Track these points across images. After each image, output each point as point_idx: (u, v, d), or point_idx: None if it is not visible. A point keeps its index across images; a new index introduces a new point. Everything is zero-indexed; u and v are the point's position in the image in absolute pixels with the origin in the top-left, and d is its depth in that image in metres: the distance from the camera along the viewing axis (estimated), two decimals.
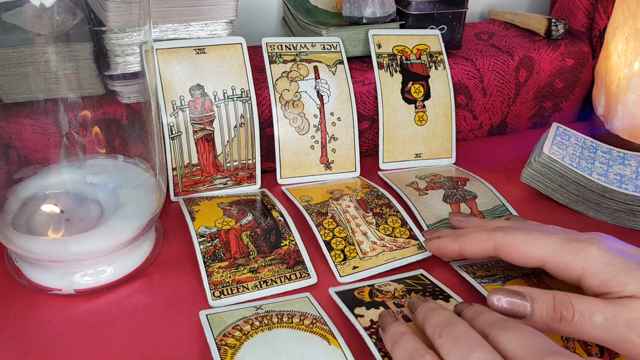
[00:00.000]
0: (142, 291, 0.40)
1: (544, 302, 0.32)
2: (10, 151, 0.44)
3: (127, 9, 0.42)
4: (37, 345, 0.35)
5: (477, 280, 0.39)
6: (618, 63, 0.58)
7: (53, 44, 0.41)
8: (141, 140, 0.45)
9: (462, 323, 0.30)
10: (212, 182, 0.50)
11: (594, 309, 0.31)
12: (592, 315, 0.31)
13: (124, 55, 0.45)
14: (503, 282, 0.39)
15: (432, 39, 0.58)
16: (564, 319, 0.31)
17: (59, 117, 0.42)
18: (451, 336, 0.29)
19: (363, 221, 0.46)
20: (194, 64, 0.48)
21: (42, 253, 0.37)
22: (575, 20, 0.67)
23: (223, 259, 0.41)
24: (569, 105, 0.67)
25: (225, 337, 0.34)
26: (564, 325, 0.31)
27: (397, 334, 0.32)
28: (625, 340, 0.30)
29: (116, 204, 0.41)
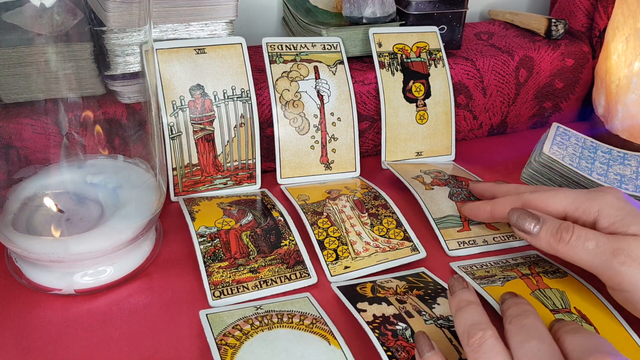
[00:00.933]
0: (142, 291, 0.40)
1: (551, 224, 0.37)
2: (10, 151, 0.44)
3: (127, 9, 0.42)
4: (37, 345, 0.35)
5: (477, 282, 0.39)
6: (618, 63, 0.58)
7: (53, 44, 0.41)
8: (141, 140, 0.45)
9: (534, 316, 0.31)
10: (212, 182, 0.50)
11: (590, 236, 0.35)
12: (587, 240, 0.35)
13: (124, 55, 0.45)
14: (502, 284, 0.39)
15: (430, 35, 0.58)
16: (562, 239, 0.36)
17: (59, 117, 0.42)
18: (519, 324, 0.31)
19: (358, 221, 0.46)
20: (194, 64, 0.48)
21: (42, 253, 0.37)
22: (575, 20, 0.67)
23: (223, 259, 0.41)
24: (569, 105, 0.67)
25: (226, 336, 0.34)
26: (562, 246, 0.36)
27: (464, 301, 0.33)
28: (608, 266, 0.34)
29: (116, 204, 0.41)
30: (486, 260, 0.42)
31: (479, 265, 0.41)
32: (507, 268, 0.41)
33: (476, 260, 0.41)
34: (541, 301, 0.37)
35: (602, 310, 0.37)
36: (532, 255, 0.43)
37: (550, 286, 0.39)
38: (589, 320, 0.36)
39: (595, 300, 0.38)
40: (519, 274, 0.40)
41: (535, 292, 0.38)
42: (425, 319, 0.36)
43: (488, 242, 0.45)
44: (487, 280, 0.39)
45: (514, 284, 0.39)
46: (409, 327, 0.35)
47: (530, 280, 0.39)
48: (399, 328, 0.35)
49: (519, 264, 0.42)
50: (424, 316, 0.36)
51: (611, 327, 0.36)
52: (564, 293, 0.38)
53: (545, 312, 0.36)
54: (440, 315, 0.36)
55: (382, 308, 0.37)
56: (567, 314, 0.36)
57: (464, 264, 0.42)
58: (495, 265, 0.41)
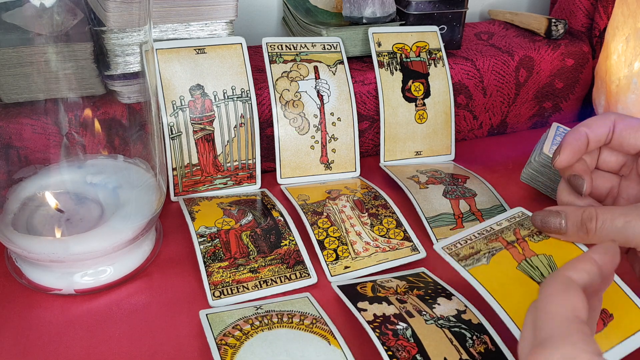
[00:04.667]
0: (142, 291, 0.40)
1: (574, 218, 0.36)
2: (10, 151, 0.44)
3: (127, 9, 0.42)
4: (37, 345, 0.35)
5: (462, 264, 0.37)
6: (618, 63, 0.58)
7: (53, 44, 0.41)
8: (141, 140, 0.45)
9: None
10: (212, 182, 0.50)
11: (616, 215, 0.35)
12: (614, 220, 0.35)
13: (124, 55, 0.45)
14: (487, 260, 0.37)
15: (430, 35, 0.58)
16: (589, 230, 0.36)
17: (59, 117, 0.42)
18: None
19: (358, 221, 0.46)
20: (194, 64, 0.48)
21: (42, 253, 0.37)
22: (575, 20, 0.67)
23: (223, 259, 0.41)
24: (569, 105, 0.67)
25: (226, 336, 0.34)
26: (592, 236, 0.36)
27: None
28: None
29: (116, 204, 0.41)
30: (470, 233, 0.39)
31: (463, 242, 0.39)
32: (491, 237, 0.39)
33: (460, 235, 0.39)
34: (528, 274, 0.35)
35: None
36: (517, 214, 0.41)
37: (537, 252, 0.37)
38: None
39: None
40: (504, 243, 0.38)
41: (522, 263, 0.36)
42: (425, 318, 0.36)
43: None
44: (473, 260, 0.37)
45: (499, 258, 0.37)
46: (409, 327, 0.35)
47: (516, 249, 0.37)
48: (399, 328, 0.35)
49: (503, 229, 0.39)
50: (425, 316, 0.36)
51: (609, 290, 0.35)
52: (551, 258, 0.37)
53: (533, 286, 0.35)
54: (440, 315, 0.36)
55: (383, 308, 0.37)
56: None
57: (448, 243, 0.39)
58: (480, 237, 0.39)
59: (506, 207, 0.49)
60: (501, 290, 0.33)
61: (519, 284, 0.34)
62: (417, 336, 0.34)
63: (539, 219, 0.38)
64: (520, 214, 0.40)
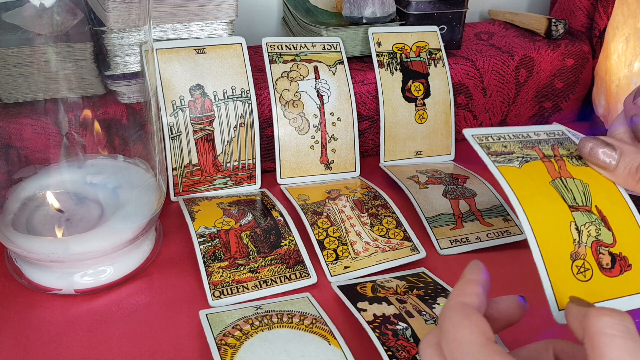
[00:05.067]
0: (142, 291, 0.40)
1: (630, 160, 0.33)
2: (10, 151, 0.44)
3: (127, 9, 0.42)
4: (37, 345, 0.35)
5: (491, 158, 0.33)
6: (618, 63, 0.58)
7: (53, 44, 0.41)
8: (141, 140, 0.45)
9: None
10: (212, 182, 0.50)
11: None
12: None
13: (124, 55, 0.45)
14: (520, 164, 0.33)
15: (430, 35, 0.58)
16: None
17: (59, 117, 0.42)
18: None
19: (358, 221, 0.46)
20: (194, 64, 0.48)
21: (42, 253, 0.37)
22: (575, 20, 0.67)
23: (223, 259, 0.41)
24: (569, 105, 0.67)
25: (225, 336, 0.34)
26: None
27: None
28: None
29: (116, 204, 0.41)
30: (504, 132, 0.35)
31: (495, 137, 0.35)
32: (527, 145, 0.35)
33: (493, 130, 0.35)
34: (560, 192, 0.32)
35: (625, 214, 0.33)
36: (557, 131, 0.37)
37: (574, 175, 0.33)
38: (608, 224, 0.32)
39: (619, 199, 0.33)
40: (540, 155, 0.34)
41: (556, 180, 0.33)
42: (425, 319, 0.36)
43: (481, 238, 0.46)
44: (504, 158, 0.33)
45: (533, 167, 0.33)
46: (409, 327, 0.35)
47: (552, 164, 0.34)
48: (399, 328, 0.35)
49: (541, 140, 0.36)
50: (425, 316, 0.36)
51: (632, 235, 0.32)
52: (587, 187, 0.33)
53: (562, 207, 0.31)
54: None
55: (383, 308, 0.37)
56: (586, 213, 0.32)
57: (479, 133, 0.35)
58: (515, 140, 0.35)
59: (506, 207, 0.49)
60: (529, 199, 0.31)
61: (549, 199, 0.31)
62: (417, 336, 0.34)
63: (589, 147, 0.34)
64: (561, 132, 0.36)
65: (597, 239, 0.31)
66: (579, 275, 0.29)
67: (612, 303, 0.30)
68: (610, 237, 0.31)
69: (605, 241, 0.31)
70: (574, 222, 0.31)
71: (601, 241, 0.31)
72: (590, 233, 0.31)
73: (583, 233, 0.31)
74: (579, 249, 0.31)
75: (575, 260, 0.30)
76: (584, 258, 0.31)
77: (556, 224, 0.30)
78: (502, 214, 0.48)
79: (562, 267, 0.29)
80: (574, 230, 0.31)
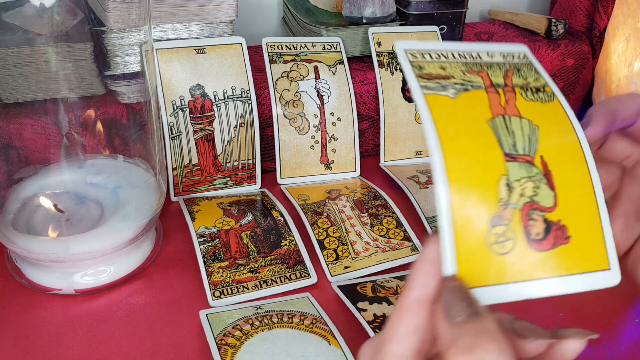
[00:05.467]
0: (142, 291, 0.40)
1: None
2: (10, 151, 0.43)
3: (127, 9, 0.41)
4: (37, 345, 0.35)
5: (420, 82, 0.25)
6: (618, 63, 0.58)
7: (53, 44, 0.41)
8: (141, 140, 0.45)
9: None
10: (212, 182, 0.50)
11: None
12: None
13: (124, 55, 0.45)
14: (455, 94, 0.25)
15: (430, 35, 0.58)
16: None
17: (59, 117, 0.42)
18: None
19: (358, 221, 0.46)
20: (194, 64, 0.48)
21: (42, 253, 0.37)
22: (575, 20, 0.67)
23: (223, 259, 0.41)
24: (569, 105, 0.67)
25: (226, 336, 0.34)
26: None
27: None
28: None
29: (116, 204, 0.41)
30: (448, 49, 0.27)
31: (434, 55, 0.27)
32: (473, 67, 0.27)
33: (434, 46, 0.27)
34: (498, 135, 0.25)
35: (578, 169, 0.25)
36: (518, 54, 0.28)
37: (522, 114, 0.26)
38: (551, 182, 0.25)
39: (575, 150, 0.26)
40: (486, 82, 0.26)
41: (497, 119, 0.25)
42: None
43: None
44: (437, 84, 0.26)
45: (472, 98, 0.25)
46: None
47: (498, 96, 0.26)
48: None
49: (492, 63, 0.28)
50: None
51: (581, 197, 0.25)
52: (536, 130, 0.26)
53: (494, 155, 0.24)
54: None
55: (383, 307, 0.37)
56: (525, 165, 0.24)
57: (414, 48, 0.27)
58: (458, 60, 0.27)
59: None
60: (452, 140, 0.24)
61: (479, 142, 0.24)
62: None
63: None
64: (522, 56, 0.29)
65: (531, 200, 0.24)
66: (496, 246, 0.22)
67: (532, 285, 0.23)
68: (551, 199, 0.24)
69: (542, 204, 0.24)
70: (505, 175, 0.24)
71: (536, 203, 0.24)
72: (524, 192, 0.24)
73: (515, 191, 0.24)
74: (503, 212, 0.23)
75: (496, 226, 0.23)
76: (508, 224, 0.23)
77: (480, 177, 0.23)
78: None
79: (475, 234, 0.22)
80: (502, 186, 0.23)
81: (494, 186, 0.23)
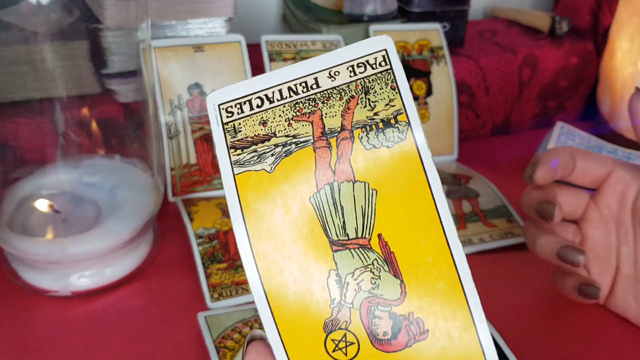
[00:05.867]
0: (140, 293, 0.39)
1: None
2: (5, 151, 0.43)
3: (125, 6, 0.41)
4: (33, 347, 0.35)
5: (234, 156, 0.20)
6: (623, 61, 0.57)
7: (49, 42, 0.40)
8: (138, 139, 0.45)
9: None
10: (210, 182, 0.49)
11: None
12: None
13: (121, 53, 0.44)
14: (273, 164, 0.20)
15: (433, 33, 0.57)
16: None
17: (55, 117, 0.42)
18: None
19: None
20: (193, 62, 0.48)
21: (39, 254, 0.37)
22: (579, 18, 0.66)
23: (222, 261, 0.41)
24: (573, 104, 0.66)
25: (224, 339, 0.34)
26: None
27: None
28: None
29: (113, 204, 0.41)
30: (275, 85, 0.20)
31: (256, 102, 0.20)
32: (304, 107, 0.20)
33: (254, 86, 0.20)
34: (321, 218, 0.20)
35: (432, 241, 0.19)
36: (377, 55, 0.21)
37: (357, 175, 0.20)
38: (396, 266, 0.19)
39: (426, 212, 0.20)
40: (316, 132, 0.20)
41: (322, 191, 0.20)
42: None
43: (484, 240, 0.45)
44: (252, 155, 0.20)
45: (293, 166, 0.20)
46: None
47: (329, 151, 0.20)
48: None
49: (334, 89, 0.20)
50: None
51: (437, 284, 0.19)
52: (374, 195, 0.20)
53: (319, 248, 0.19)
54: None
55: None
56: (359, 252, 0.20)
57: (228, 99, 0.21)
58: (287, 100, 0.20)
59: (509, 207, 0.49)
60: (264, 237, 0.20)
61: (298, 234, 0.19)
62: None
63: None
64: (382, 58, 0.21)
65: (371, 295, 0.19)
66: (336, 353, 0.19)
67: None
68: (397, 289, 0.19)
69: (386, 297, 0.19)
70: (335, 270, 0.19)
71: (378, 297, 0.19)
72: (361, 286, 0.19)
73: (349, 287, 0.19)
74: (338, 314, 0.19)
75: (332, 332, 0.19)
76: (347, 327, 0.19)
77: (305, 278, 0.19)
78: (506, 215, 0.48)
79: (310, 345, 0.19)
80: (333, 285, 0.19)
81: (321, 288, 0.19)
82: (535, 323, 0.39)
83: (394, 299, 0.19)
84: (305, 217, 0.19)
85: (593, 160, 0.36)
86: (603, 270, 0.36)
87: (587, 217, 0.37)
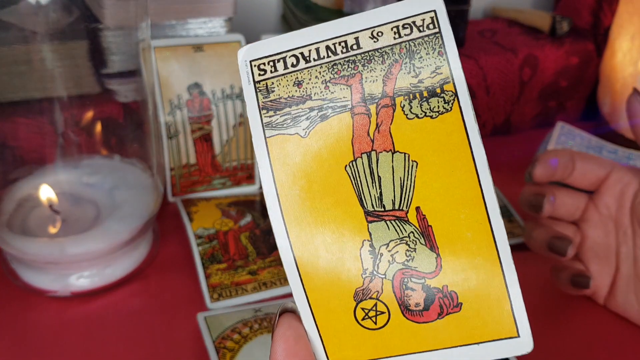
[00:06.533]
0: (139, 293, 0.39)
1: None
2: (5, 151, 0.43)
3: (124, 6, 0.41)
4: (32, 348, 0.35)
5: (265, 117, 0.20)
6: (623, 61, 0.57)
7: (48, 42, 0.40)
8: (138, 139, 0.45)
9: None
10: (210, 182, 0.49)
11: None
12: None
13: (120, 53, 0.44)
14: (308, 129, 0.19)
15: None
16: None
17: (55, 117, 0.42)
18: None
19: None
20: (192, 62, 0.48)
21: (38, 254, 0.37)
22: (580, 18, 0.66)
23: (221, 261, 0.41)
24: (573, 104, 0.66)
25: (224, 340, 0.34)
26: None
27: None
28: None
29: (112, 204, 0.41)
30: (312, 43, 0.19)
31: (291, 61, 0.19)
32: (343, 69, 0.19)
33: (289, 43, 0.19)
34: (357, 187, 0.19)
35: (474, 219, 0.19)
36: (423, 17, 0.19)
37: (397, 145, 0.19)
38: (433, 240, 0.19)
39: (471, 191, 0.19)
40: (354, 97, 0.19)
41: (359, 160, 0.19)
42: None
43: None
44: (285, 118, 0.19)
45: (329, 132, 0.19)
46: None
47: (367, 119, 0.19)
48: None
49: (376, 52, 0.19)
50: None
51: (476, 260, 0.19)
52: (414, 167, 0.19)
53: (352, 217, 0.19)
54: None
55: None
56: (395, 224, 0.19)
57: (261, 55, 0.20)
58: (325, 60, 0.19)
59: (510, 207, 0.49)
60: (300, 205, 0.19)
61: (332, 203, 0.19)
62: None
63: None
64: (430, 20, 0.19)
65: (405, 267, 0.19)
66: (366, 321, 0.19)
67: (416, 358, 0.19)
68: (433, 262, 0.19)
69: (421, 269, 0.19)
70: (369, 241, 0.19)
71: (412, 269, 0.19)
72: (395, 257, 0.19)
73: (382, 259, 0.19)
74: (369, 284, 0.19)
75: (362, 301, 0.19)
76: (377, 297, 0.19)
77: (338, 248, 0.19)
78: (506, 215, 0.48)
79: (339, 313, 0.19)
80: (366, 255, 0.19)
81: (354, 258, 0.19)
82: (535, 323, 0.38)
83: (428, 271, 0.19)
84: (340, 186, 0.19)
85: (592, 162, 0.36)
86: (603, 270, 0.36)
87: (586, 218, 0.37)
